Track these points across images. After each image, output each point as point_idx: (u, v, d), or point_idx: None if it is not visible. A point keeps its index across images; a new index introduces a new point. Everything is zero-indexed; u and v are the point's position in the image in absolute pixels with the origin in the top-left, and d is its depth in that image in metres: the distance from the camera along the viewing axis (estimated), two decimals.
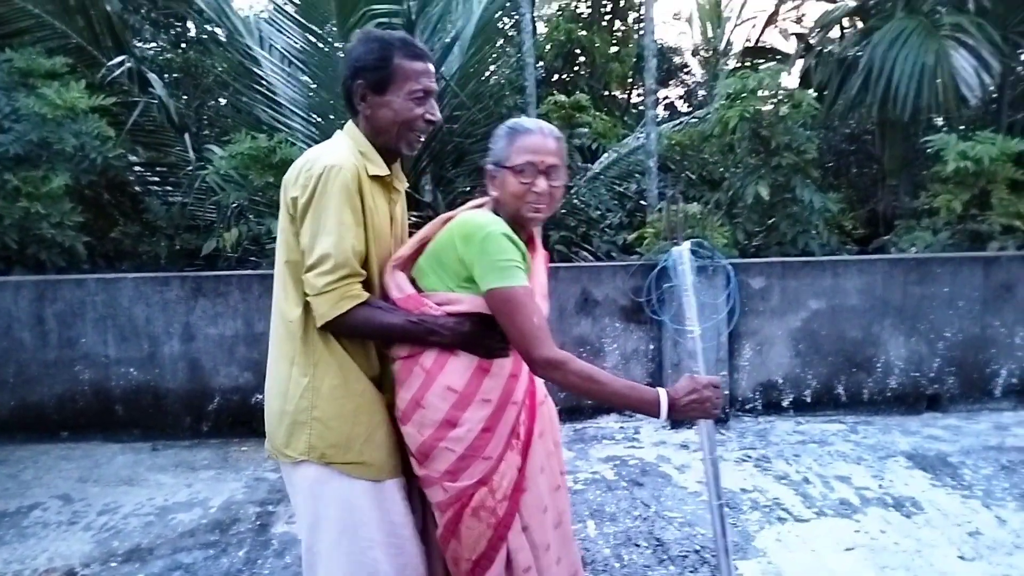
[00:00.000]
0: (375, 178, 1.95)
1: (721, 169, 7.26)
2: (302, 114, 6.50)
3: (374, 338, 1.94)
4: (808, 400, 5.10)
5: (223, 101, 7.98)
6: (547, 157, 1.90)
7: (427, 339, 1.87)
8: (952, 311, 5.08)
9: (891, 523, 3.63)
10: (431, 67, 1.97)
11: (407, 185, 2.17)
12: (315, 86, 6.45)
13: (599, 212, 7.50)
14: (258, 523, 3.73)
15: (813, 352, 5.09)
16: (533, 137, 1.92)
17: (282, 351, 1.97)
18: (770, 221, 6.19)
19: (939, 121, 7.95)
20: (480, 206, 2.03)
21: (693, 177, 7.66)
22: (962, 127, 7.32)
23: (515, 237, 1.84)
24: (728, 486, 4.07)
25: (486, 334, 1.86)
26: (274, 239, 5.34)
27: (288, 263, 1.92)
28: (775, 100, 6.05)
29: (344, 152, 1.90)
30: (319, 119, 6.45)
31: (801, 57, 8.13)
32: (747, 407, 5.12)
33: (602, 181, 7.68)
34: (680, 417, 1.78)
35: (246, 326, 4.79)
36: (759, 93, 6.12)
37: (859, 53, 7.14)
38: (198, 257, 6.09)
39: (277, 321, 1.99)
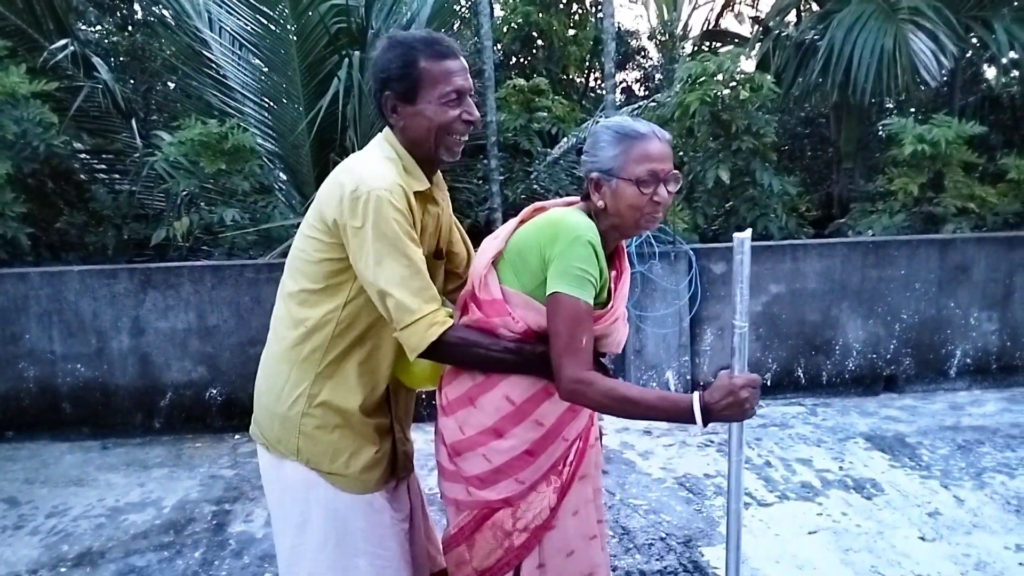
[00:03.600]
0: (417, 194, 1.85)
1: (680, 153, 7.26)
2: (254, 98, 6.31)
3: (466, 366, 1.87)
4: (768, 383, 5.12)
5: (172, 85, 7.73)
6: (666, 164, 1.79)
7: (517, 371, 1.81)
8: (909, 293, 5.14)
9: (852, 505, 3.66)
10: (462, 63, 1.84)
11: (447, 194, 2.07)
12: (267, 70, 6.26)
13: (558, 196, 7.45)
14: (214, 522, 3.62)
15: (773, 336, 5.11)
16: (652, 144, 1.78)
17: (284, 352, 1.90)
18: (728, 205, 6.20)
19: (888, 104, 8.05)
20: (570, 203, 1.92)
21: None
22: (913, 110, 7.41)
23: (601, 252, 1.75)
24: (692, 471, 4.07)
25: None
26: (227, 228, 5.26)
27: (319, 271, 1.84)
28: (735, 84, 6.04)
29: (389, 172, 1.80)
30: (272, 103, 6.28)
31: (759, 41, 8.13)
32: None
33: (561, 166, 7.63)
34: (716, 420, 1.67)
35: (198, 319, 4.64)
36: (718, 77, 6.11)
37: (817, 37, 7.16)
38: (147, 247, 5.89)
39: (284, 322, 1.91)
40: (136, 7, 8.10)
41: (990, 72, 8.32)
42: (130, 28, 8.09)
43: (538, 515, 1.84)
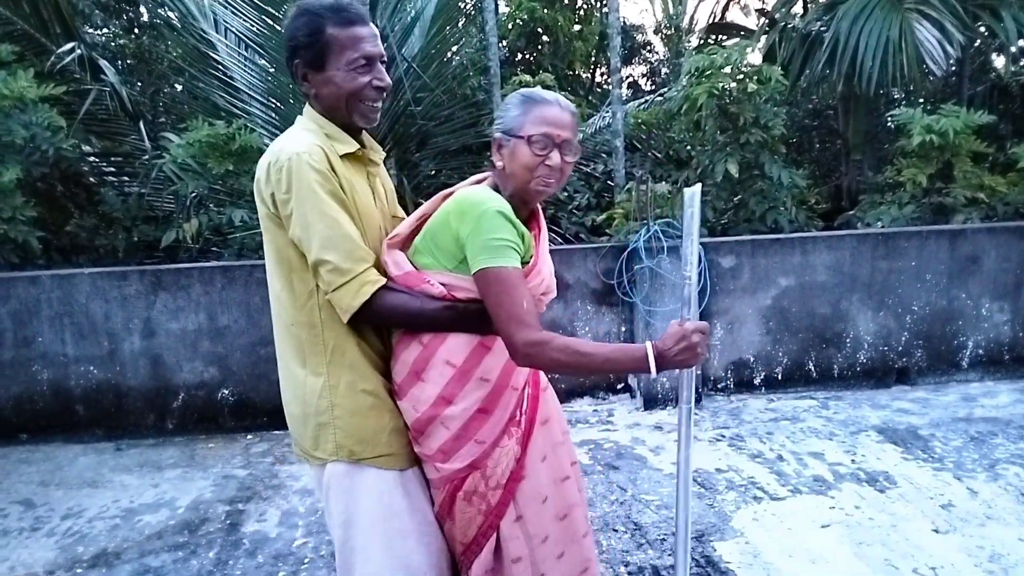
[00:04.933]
0: (347, 156, 1.86)
1: (688, 148, 7.23)
2: (260, 99, 6.33)
3: (402, 325, 1.86)
4: (779, 377, 5.12)
5: (179, 88, 7.75)
6: (563, 131, 1.82)
7: (455, 326, 1.81)
8: (919, 284, 5.12)
9: (865, 498, 3.65)
10: (371, 30, 1.84)
11: (383, 155, 2.07)
12: (273, 70, 6.28)
13: (566, 194, 7.45)
14: (228, 522, 3.64)
15: (783, 329, 5.10)
16: (551, 108, 1.83)
17: (290, 354, 1.90)
18: (737, 199, 6.18)
19: (896, 95, 8.00)
20: (480, 181, 1.94)
21: (660, 156, 7.62)
22: (921, 101, 7.36)
23: (512, 216, 1.77)
24: (704, 466, 4.06)
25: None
26: (236, 228, 5.28)
27: (281, 262, 1.84)
28: (742, 76, 6.01)
29: (307, 137, 1.80)
30: (278, 104, 6.29)
31: (765, 33, 8.10)
32: (719, 386, 5.12)
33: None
34: (670, 367, 1.68)
35: (209, 320, 4.67)
36: (726, 70, 6.09)
37: (823, 28, 7.12)
38: (157, 249, 5.92)
39: (279, 324, 1.91)
40: (142, 9, 8.12)
41: (998, 61, 8.28)
42: (136, 31, 8.12)
43: (506, 468, 1.87)
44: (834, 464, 4.04)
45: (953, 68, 6.94)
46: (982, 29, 7.05)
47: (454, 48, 7.62)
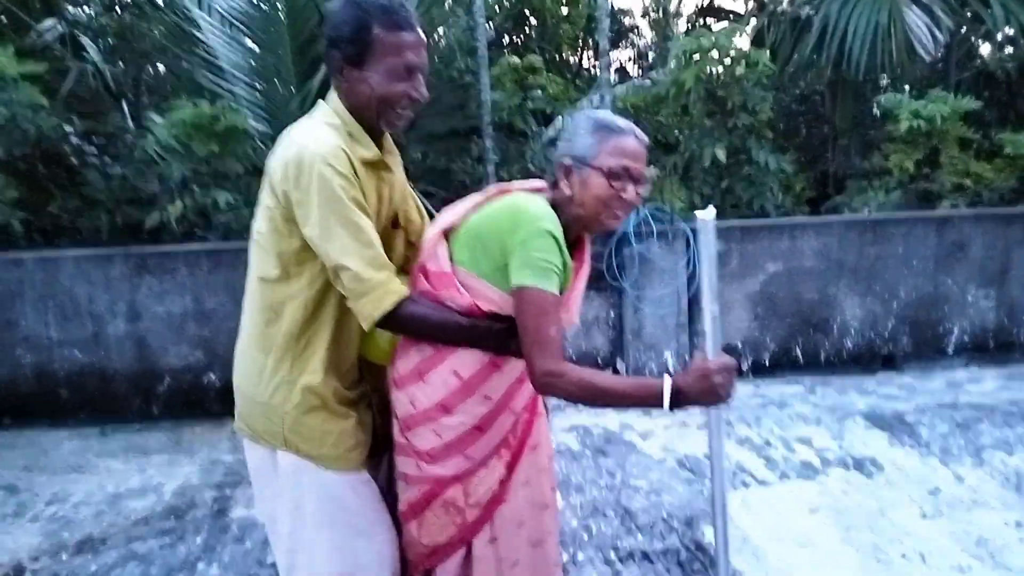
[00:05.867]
0: (366, 162, 1.81)
1: (675, 131, 7.21)
2: (245, 79, 6.23)
3: (421, 336, 1.83)
4: (767, 363, 5.14)
5: (162, 67, 7.62)
6: (641, 164, 1.77)
7: (473, 344, 1.79)
8: (906, 270, 5.14)
9: (853, 483, 3.68)
10: (418, 37, 1.77)
11: (399, 159, 2.02)
12: (258, 50, 6.18)
13: (555, 179, 7.42)
14: (215, 508, 3.62)
15: (771, 315, 5.11)
16: (628, 139, 1.77)
17: (257, 338, 1.88)
18: (724, 184, 6.17)
19: (883, 81, 8.00)
20: (537, 189, 1.89)
21: (648, 141, 7.60)
22: (907, 87, 7.37)
23: (563, 244, 1.72)
24: (692, 452, 4.08)
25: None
26: (221, 211, 5.22)
27: (280, 254, 1.79)
28: (730, 60, 5.99)
29: (330, 137, 1.74)
30: (264, 84, 6.20)
31: (754, 16, 8.07)
32: None
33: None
34: (690, 405, 1.64)
35: (195, 303, 4.62)
36: (714, 54, 6.06)
37: (812, 12, 7.10)
38: (141, 231, 5.84)
39: (254, 307, 1.88)
40: None
41: (984, 48, 8.30)
42: (119, 8, 7.97)
43: (489, 489, 1.85)
44: (821, 449, 4.07)
45: (940, 54, 6.94)
46: (969, 15, 7.07)
47: (440, 29, 7.54)
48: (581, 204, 1.78)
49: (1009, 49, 7.63)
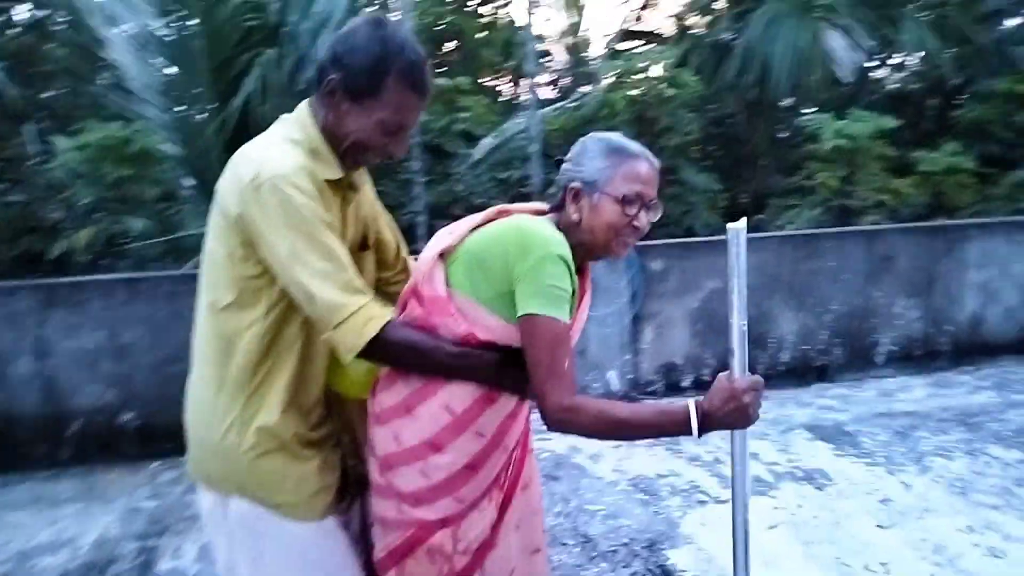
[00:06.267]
0: (330, 182, 1.64)
1: None
2: (158, 101, 5.93)
3: (407, 365, 1.64)
4: (707, 379, 5.11)
5: (68, 90, 7.21)
6: (653, 190, 1.67)
7: (462, 376, 1.62)
8: (838, 284, 5.23)
9: (806, 496, 3.65)
10: (424, 102, 1.66)
11: (367, 179, 1.85)
12: (173, 70, 5.89)
13: (482, 200, 7.33)
14: (139, 560, 3.30)
15: (710, 331, 5.10)
16: (641, 165, 1.66)
17: (208, 372, 1.67)
18: None
19: (794, 103, 8.25)
20: (539, 212, 1.76)
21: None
22: (816, 108, 7.61)
23: (573, 269, 1.59)
24: (644, 472, 3.99)
25: (519, 375, 1.60)
26: (133, 239, 4.90)
27: (233, 280, 1.61)
28: (659, 82, 6.06)
29: (291, 154, 1.58)
30: (178, 106, 5.91)
31: (678, 40, 8.22)
32: (648, 390, 5.07)
33: (484, 167, 7.50)
34: (716, 428, 1.53)
35: (110, 337, 4.27)
36: (639, 76, 6.13)
37: (734, 36, 7.28)
38: (43, 262, 5.45)
39: (204, 338, 1.68)
40: (24, 7, 7.50)
41: (883, 71, 8.67)
42: (19, 28, 7.51)
43: (479, 534, 1.69)
44: (770, 464, 4.04)
45: (855, 77, 7.20)
46: (878, 40, 7.37)
47: None
48: (590, 230, 1.67)
49: (910, 71, 7.99)
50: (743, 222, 1.57)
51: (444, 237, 1.73)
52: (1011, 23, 7.70)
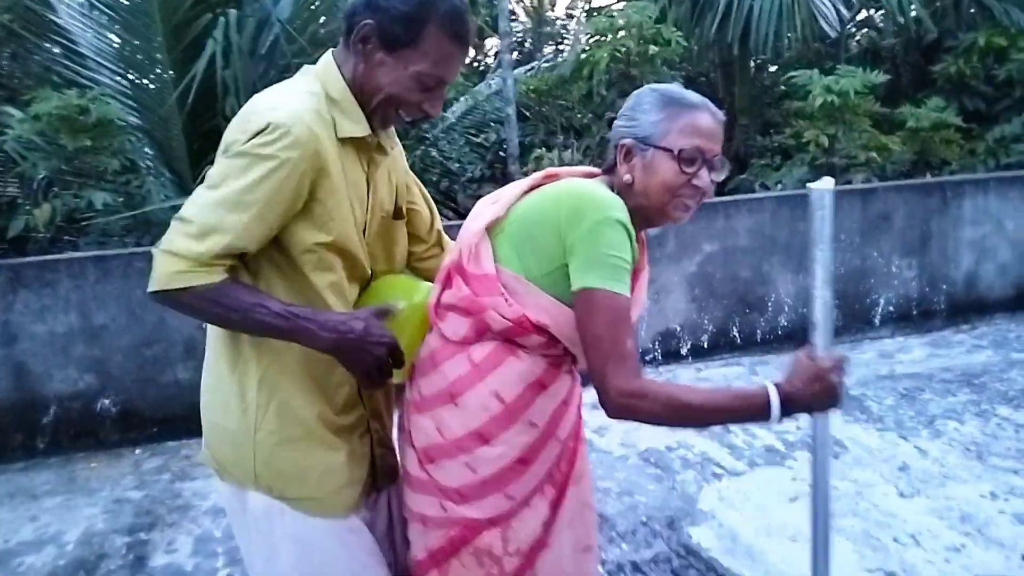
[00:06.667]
0: (354, 141, 1.47)
1: (579, 115, 7.03)
2: (112, 67, 5.56)
3: (211, 320, 1.43)
4: (705, 345, 5.01)
5: (13, 56, 6.75)
6: (717, 145, 1.49)
7: (294, 338, 1.41)
8: (835, 244, 5.12)
9: None
10: (464, 56, 1.51)
11: (397, 145, 1.67)
12: (125, 34, 5.50)
13: (458, 164, 7.10)
14: (131, 556, 3.10)
15: (708, 296, 4.98)
16: (702, 116, 1.48)
17: (221, 351, 1.51)
18: None
19: (772, 59, 8.10)
20: (590, 174, 1.59)
21: (554, 126, 7.37)
22: (797, 64, 7.47)
23: (634, 236, 1.42)
24: (653, 445, 3.86)
25: (378, 349, 1.43)
26: (96, 213, 4.59)
27: None
28: (642, 39, 5.84)
29: (305, 106, 1.40)
30: (133, 72, 5.53)
31: None
32: (647, 358, 4.94)
33: (458, 131, 7.26)
34: (799, 412, 1.39)
35: (82, 319, 3.99)
36: (622, 33, 5.91)
37: None
38: (2, 241, 5.11)
39: None
40: None
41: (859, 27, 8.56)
42: None
43: (532, 534, 1.55)
44: (781, 432, 3.94)
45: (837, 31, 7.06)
46: None
47: (332, 10, 7.03)
48: (644, 192, 1.49)
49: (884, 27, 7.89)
50: (828, 181, 1.42)
51: (488, 208, 1.56)
52: None
